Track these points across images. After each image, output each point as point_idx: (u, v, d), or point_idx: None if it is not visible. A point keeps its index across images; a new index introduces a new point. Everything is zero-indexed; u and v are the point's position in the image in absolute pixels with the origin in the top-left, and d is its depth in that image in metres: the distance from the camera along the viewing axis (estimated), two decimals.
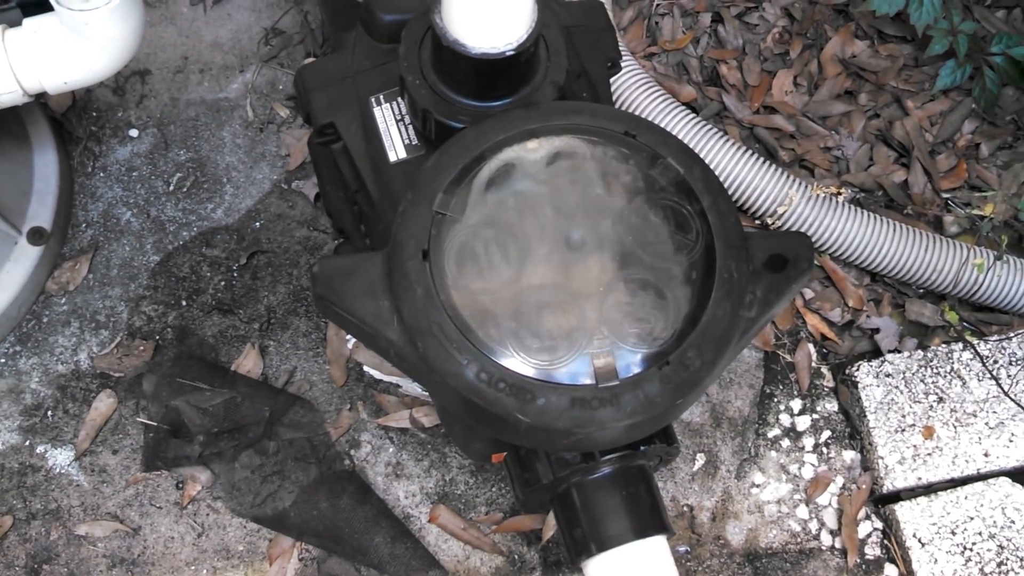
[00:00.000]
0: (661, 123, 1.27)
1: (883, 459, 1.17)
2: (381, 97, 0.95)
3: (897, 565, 1.15)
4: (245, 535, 1.15)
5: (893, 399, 1.19)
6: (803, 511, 1.18)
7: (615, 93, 1.30)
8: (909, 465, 1.16)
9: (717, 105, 1.41)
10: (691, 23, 1.47)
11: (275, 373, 1.23)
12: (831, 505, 1.18)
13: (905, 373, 1.20)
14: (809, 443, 1.22)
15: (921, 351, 1.22)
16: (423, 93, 0.87)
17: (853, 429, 1.22)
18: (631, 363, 0.79)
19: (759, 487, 1.19)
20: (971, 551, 1.11)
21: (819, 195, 1.26)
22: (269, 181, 1.34)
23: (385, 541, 1.14)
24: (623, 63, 1.29)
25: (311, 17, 1.46)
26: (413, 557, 1.14)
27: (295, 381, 1.22)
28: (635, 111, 1.29)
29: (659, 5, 1.48)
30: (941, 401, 1.19)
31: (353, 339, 1.21)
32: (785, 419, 1.23)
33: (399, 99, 0.94)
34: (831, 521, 1.18)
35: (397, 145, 0.93)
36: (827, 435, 1.22)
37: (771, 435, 1.22)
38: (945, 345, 1.23)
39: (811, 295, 1.29)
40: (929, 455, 1.16)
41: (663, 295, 0.81)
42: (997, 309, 1.28)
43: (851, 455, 1.21)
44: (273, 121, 1.38)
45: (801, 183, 1.27)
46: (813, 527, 1.18)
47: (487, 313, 0.80)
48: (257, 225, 1.31)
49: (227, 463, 1.17)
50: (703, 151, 1.26)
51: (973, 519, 1.13)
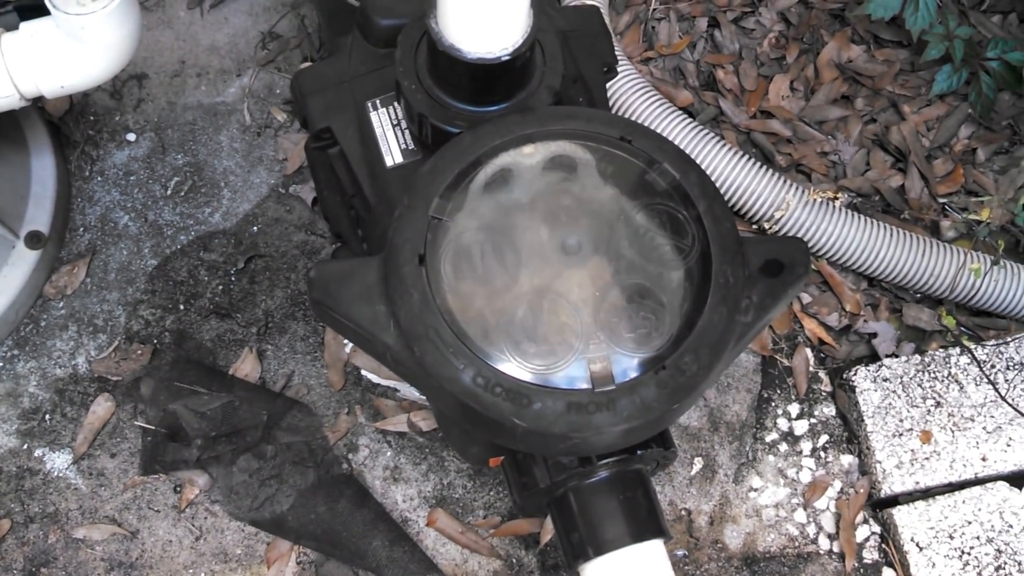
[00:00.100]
0: (658, 128, 1.27)
1: (881, 463, 1.17)
2: (377, 102, 0.95)
3: (895, 569, 1.14)
4: (243, 538, 1.15)
5: (891, 403, 1.19)
6: (801, 515, 1.18)
7: (612, 98, 1.30)
8: (907, 469, 1.16)
9: (714, 110, 1.41)
10: (688, 28, 1.47)
11: (273, 377, 1.23)
12: (829, 509, 1.18)
13: (903, 377, 1.21)
14: (807, 447, 1.22)
15: (918, 356, 1.22)
16: (419, 98, 0.87)
17: (851, 433, 1.22)
18: (627, 368, 0.79)
19: (757, 491, 1.19)
20: (969, 555, 1.11)
21: (816, 200, 1.26)
22: (267, 185, 1.34)
23: (383, 545, 1.14)
24: (619, 68, 1.30)
25: (308, 21, 1.46)
26: (411, 561, 1.14)
27: (293, 385, 1.22)
28: (632, 116, 1.29)
29: (656, 10, 1.48)
30: (939, 405, 1.19)
31: (351, 343, 1.21)
32: (783, 423, 1.23)
33: (395, 104, 0.94)
34: (829, 525, 1.18)
35: (393, 149, 0.93)
36: (825, 439, 1.22)
37: (769, 439, 1.22)
38: (942, 350, 1.23)
39: (808, 300, 1.29)
40: (927, 459, 1.16)
41: (659, 300, 0.81)
42: (994, 314, 1.28)
43: (849, 459, 1.21)
44: (270, 125, 1.39)
45: (798, 188, 1.27)
46: (811, 531, 1.18)
47: (483, 318, 0.80)
48: (255, 229, 1.31)
49: (225, 467, 1.17)
50: (700, 156, 1.26)
51: (971, 523, 1.13)
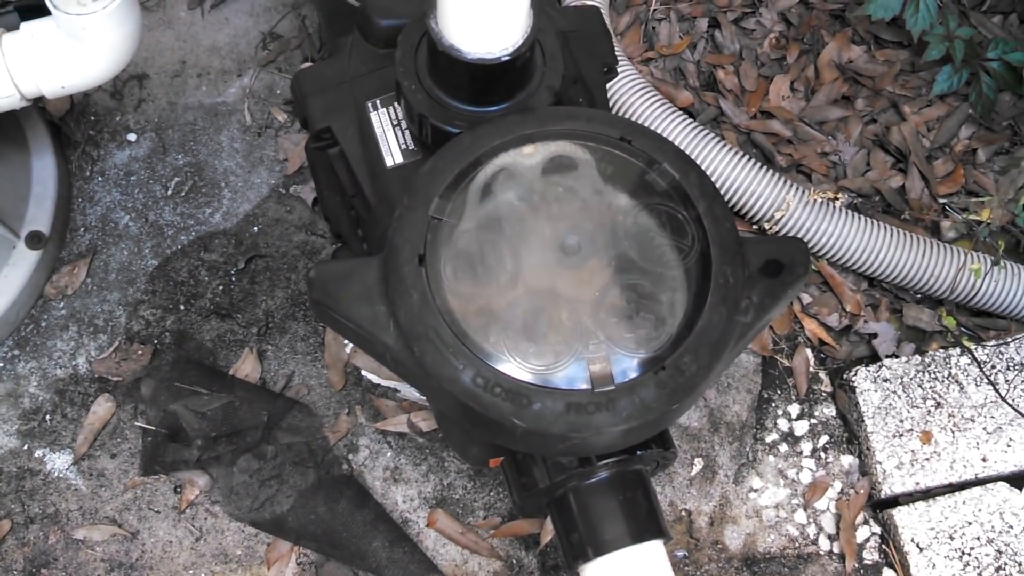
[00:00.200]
0: (658, 128, 1.27)
1: (881, 464, 1.16)
2: (378, 102, 0.95)
3: (895, 570, 1.14)
4: (243, 539, 1.15)
5: (891, 404, 1.19)
6: (801, 516, 1.18)
7: (612, 98, 1.30)
8: (907, 470, 1.16)
9: (714, 110, 1.41)
10: (688, 28, 1.47)
11: (273, 377, 1.23)
12: (829, 510, 1.18)
13: (903, 378, 1.20)
14: (807, 448, 1.22)
15: (919, 356, 1.22)
16: (419, 98, 0.87)
17: (851, 434, 1.22)
18: (627, 368, 0.79)
19: (757, 492, 1.19)
20: (969, 556, 1.11)
21: (816, 200, 1.26)
22: (267, 185, 1.34)
23: (383, 545, 1.14)
24: (620, 68, 1.30)
25: (308, 22, 1.46)
26: (411, 561, 1.13)
27: (293, 385, 1.22)
28: (632, 116, 1.29)
29: (656, 10, 1.48)
30: (939, 406, 1.19)
31: (351, 344, 1.21)
32: (783, 424, 1.23)
33: (396, 104, 0.94)
34: (829, 526, 1.18)
35: (394, 150, 0.93)
36: (825, 440, 1.22)
37: (769, 440, 1.22)
38: (943, 350, 1.23)
39: (809, 300, 1.29)
40: (927, 460, 1.16)
41: (659, 300, 0.81)
42: (994, 314, 1.28)
43: (849, 460, 1.21)
44: (271, 125, 1.39)
45: (798, 188, 1.27)
46: (811, 532, 1.17)
47: (483, 318, 0.80)
48: (255, 229, 1.31)
49: (225, 467, 1.17)
50: (700, 156, 1.26)
51: (971, 524, 1.13)
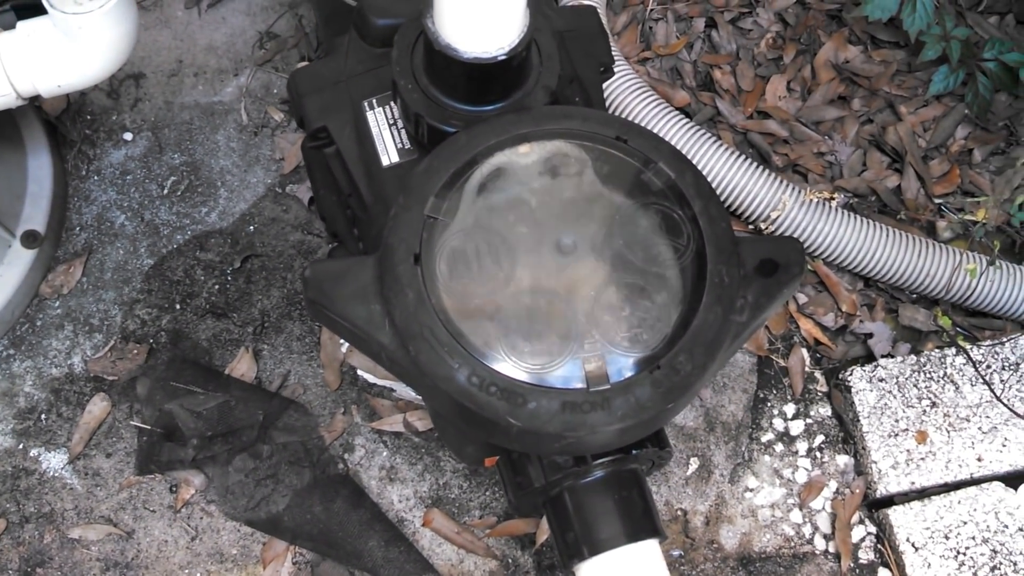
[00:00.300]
0: (655, 128, 1.27)
1: (876, 464, 1.17)
2: (374, 101, 0.95)
3: (891, 570, 1.14)
4: (239, 539, 1.14)
5: (886, 404, 1.19)
6: (797, 515, 1.18)
7: (609, 98, 1.30)
8: (902, 470, 1.16)
9: (711, 110, 1.41)
10: (685, 28, 1.47)
11: (269, 377, 1.23)
12: (825, 509, 1.18)
13: (898, 378, 1.21)
14: (803, 448, 1.22)
15: (914, 356, 1.22)
16: (415, 97, 0.87)
17: (847, 434, 1.22)
18: (622, 367, 0.79)
19: (753, 491, 1.19)
20: (964, 555, 1.11)
21: (812, 200, 1.26)
22: (263, 185, 1.34)
23: (379, 545, 1.14)
24: (617, 68, 1.30)
25: (305, 21, 1.46)
26: (407, 561, 1.13)
27: (289, 385, 1.22)
28: (629, 116, 1.29)
29: (653, 10, 1.48)
30: (934, 406, 1.19)
31: (347, 343, 1.21)
32: (779, 423, 1.23)
33: (392, 103, 0.94)
34: (825, 525, 1.18)
35: (390, 149, 0.93)
36: (821, 440, 1.22)
37: (765, 439, 1.22)
38: (938, 350, 1.23)
39: (804, 300, 1.29)
40: (922, 460, 1.16)
41: (654, 299, 0.81)
42: (990, 314, 1.28)
43: (844, 460, 1.21)
44: (267, 125, 1.39)
45: (794, 188, 1.27)
46: (807, 531, 1.18)
47: (478, 317, 0.80)
48: (251, 229, 1.31)
49: (221, 467, 1.17)
50: (697, 156, 1.26)
51: (966, 523, 1.13)
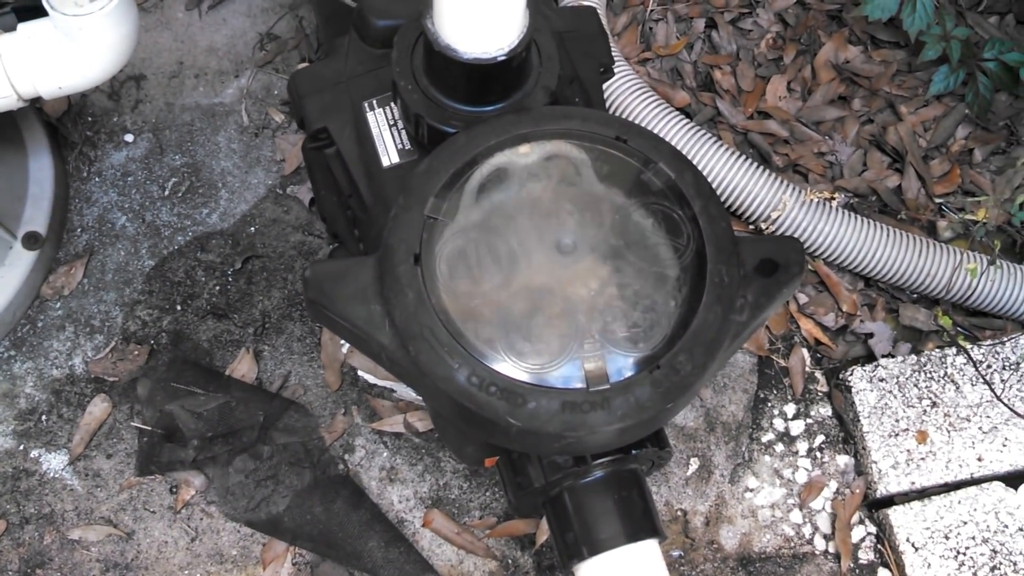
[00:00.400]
0: (655, 128, 1.27)
1: (877, 463, 1.17)
2: (374, 102, 0.95)
3: (891, 570, 1.14)
4: (239, 539, 1.15)
5: (887, 404, 1.19)
6: (797, 515, 1.18)
7: (609, 98, 1.30)
8: (903, 469, 1.16)
9: (711, 110, 1.41)
10: (685, 28, 1.47)
11: (269, 378, 1.23)
12: (825, 510, 1.18)
13: (899, 378, 1.21)
14: (803, 448, 1.22)
15: (915, 356, 1.22)
16: (415, 98, 0.88)
17: (847, 434, 1.22)
18: (622, 367, 0.79)
19: (753, 491, 1.19)
20: (964, 555, 1.11)
21: (813, 200, 1.26)
22: (264, 186, 1.35)
23: (379, 546, 1.14)
24: (617, 68, 1.30)
25: (306, 22, 1.46)
26: (407, 562, 1.14)
27: (289, 385, 1.22)
28: (629, 116, 1.29)
29: (653, 11, 1.48)
30: (935, 406, 1.19)
31: (347, 343, 1.21)
32: (779, 424, 1.23)
33: (392, 104, 0.94)
34: (825, 526, 1.18)
35: (390, 150, 0.93)
36: (821, 440, 1.22)
37: (765, 440, 1.22)
38: (939, 350, 1.23)
39: (805, 300, 1.29)
40: (923, 459, 1.16)
41: (654, 299, 0.81)
42: (990, 314, 1.28)
43: (845, 460, 1.21)
44: (268, 126, 1.39)
45: (795, 188, 1.27)
46: (807, 532, 1.18)
47: (478, 317, 0.80)
48: (252, 230, 1.31)
49: (221, 467, 1.17)
50: (697, 156, 1.26)
51: (966, 523, 1.13)
